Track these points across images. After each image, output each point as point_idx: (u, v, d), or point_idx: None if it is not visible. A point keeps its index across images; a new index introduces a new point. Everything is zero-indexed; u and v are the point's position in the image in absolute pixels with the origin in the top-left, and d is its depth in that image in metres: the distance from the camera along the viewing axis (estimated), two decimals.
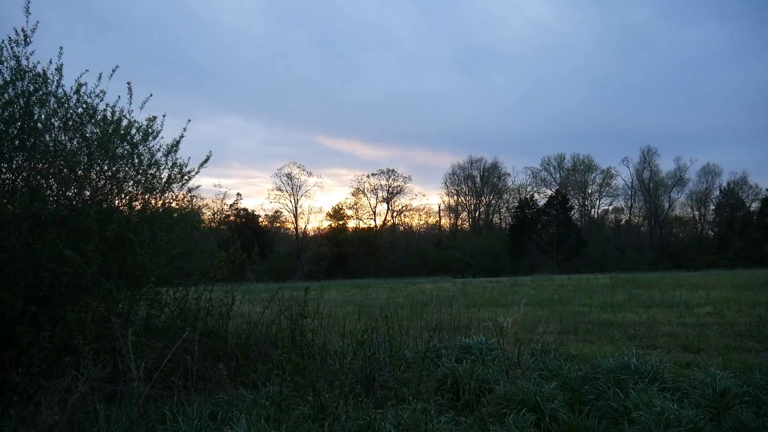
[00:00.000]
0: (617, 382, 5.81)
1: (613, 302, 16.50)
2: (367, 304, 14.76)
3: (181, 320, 6.14)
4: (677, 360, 7.85)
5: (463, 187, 78.84)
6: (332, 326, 7.92)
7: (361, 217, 75.29)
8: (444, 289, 25.28)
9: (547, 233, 66.13)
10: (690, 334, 10.30)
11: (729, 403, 5.14)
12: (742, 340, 9.57)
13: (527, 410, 5.05)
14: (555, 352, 7.60)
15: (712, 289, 20.54)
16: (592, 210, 79.39)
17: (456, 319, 8.80)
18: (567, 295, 20.41)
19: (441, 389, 5.68)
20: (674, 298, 17.07)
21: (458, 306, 11.20)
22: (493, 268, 57.94)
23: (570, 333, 10.74)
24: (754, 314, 12.61)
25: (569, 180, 77.20)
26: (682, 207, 76.18)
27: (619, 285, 24.92)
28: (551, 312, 14.10)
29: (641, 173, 74.60)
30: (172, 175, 6.74)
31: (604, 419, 5.10)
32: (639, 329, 11.09)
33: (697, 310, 14.12)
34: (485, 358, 6.80)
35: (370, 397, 5.39)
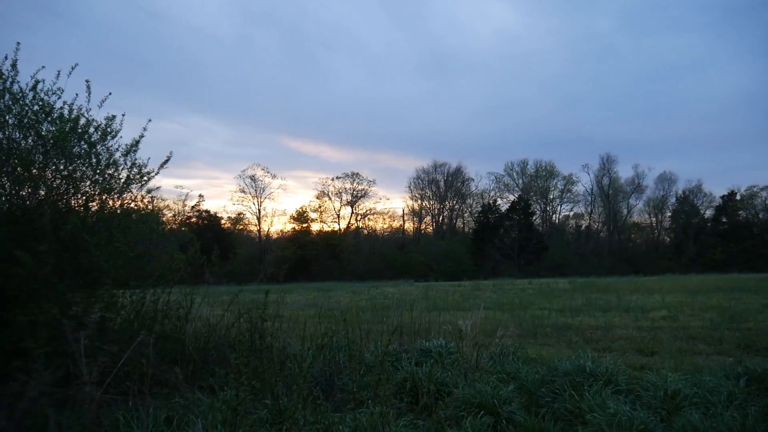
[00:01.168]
0: (573, 385, 5.91)
1: (572, 306, 16.81)
2: (329, 307, 14.71)
3: (138, 323, 6.02)
4: (632, 363, 8.04)
5: (427, 192, 79.35)
6: (293, 329, 7.86)
7: (325, 220, 75.12)
8: (406, 293, 25.35)
9: (510, 238, 66.88)
10: (645, 337, 10.56)
11: (679, 405, 5.28)
12: (694, 343, 9.85)
13: (485, 413, 5.11)
14: (514, 355, 7.69)
15: (667, 294, 21.08)
16: (554, 215, 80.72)
17: (417, 322, 8.85)
18: (527, 299, 20.69)
19: (400, 392, 5.69)
20: (631, 303, 17.47)
21: (420, 310, 11.24)
22: (455, 272, 58.31)
23: (529, 336, 10.90)
24: (705, 318, 12.99)
25: (531, 186, 78.28)
26: (640, 213, 78.06)
27: (578, 289, 25.38)
28: (511, 316, 14.30)
29: (601, 180, 76.13)
30: (131, 176, 6.62)
31: (560, 421, 5.18)
32: (596, 333, 11.32)
33: (652, 314, 14.48)
34: (445, 362, 6.84)
35: (330, 400, 5.38)
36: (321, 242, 67.39)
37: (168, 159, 6.93)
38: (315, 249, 65.37)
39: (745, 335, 10.39)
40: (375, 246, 71.90)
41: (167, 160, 6.92)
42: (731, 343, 9.68)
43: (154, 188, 7.08)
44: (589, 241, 75.03)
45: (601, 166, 76.05)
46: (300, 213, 72.26)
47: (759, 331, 10.89)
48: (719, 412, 4.93)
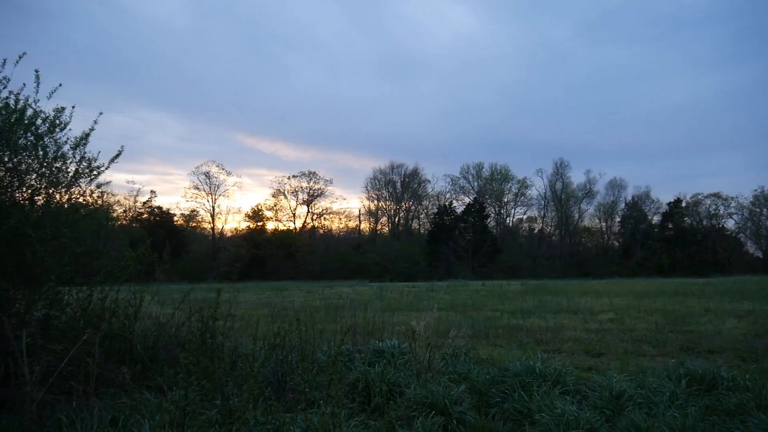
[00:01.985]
0: (523, 385, 6.02)
1: (524, 308, 17.07)
2: (282, 306, 14.58)
3: (84, 321, 5.86)
4: (580, 364, 8.23)
5: (384, 192, 79.53)
6: (245, 329, 7.78)
7: (281, 219, 74.48)
8: (361, 293, 25.35)
9: (464, 240, 67.51)
10: (592, 339, 10.81)
11: (624, 405, 5.43)
12: (639, 345, 10.13)
13: (436, 413, 5.15)
14: (466, 356, 7.78)
15: (614, 297, 21.62)
16: (508, 218, 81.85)
17: (371, 323, 8.86)
18: (480, 300, 20.93)
19: (352, 393, 5.68)
20: (580, 305, 17.87)
21: (374, 310, 11.25)
22: (410, 272, 58.59)
23: (481, 337, 11.03)
24: (651, 321, 13.38)
25: (487, 189, 79.23)
26: (591, 218, 79.87)
27: (530, 291, 25.82)
28: (464, 317, 14.44)
29: (554, 184, 77.64)
30: (80, 169, 6.43)
31: (509, 421, 5.27)
32: (546, 334, 11.53)
33: (600, 316, 14.83)
34: (398, 362, 6.86)
35: (281, 401, 5.33)
36: (276, 241, 66.76)
37: (119, 153, 6.77)
38: (270, 248, 64.74)
39: (688, 338, 10.74)
40: (330, 246, 71.67)
41: (118, 154, 6.76)
42: (674, 345, 9.99)
43: (104, 183, 6.89)
44: (542, 245, 76.37)
45: (554, 170, 77.70)
46: (255, 211, 71.44)
47: (701, 333, 11.27)
48: (661, 411, 5.09)
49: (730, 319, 13.52)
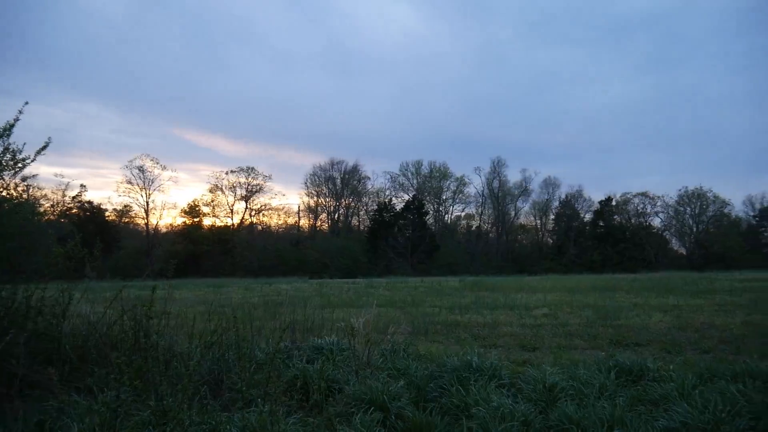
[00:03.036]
0: (460, 380, 6.11)
1: (462, 304, 17.32)
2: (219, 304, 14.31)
3: (8, 321, 5.59)
4: (515, 358, 8.42)
5: (324, 189, 79.15)
6: (181, 327, 7.59)
7: (218, 215, 72.92)
8: (300, 290, 25.20)
9: (404, 237, 68.02)
10: (528, 334, 11.08)
11: (557, 397, 5.59)
12: (571, 339, 10.45)
13: (375, 409, 5.16)
14: (404, 351, 7.83)
15: (548, 293, 22.22)
16: (446, 216, 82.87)
17: (310, 319, 8.81)
18: (419, 296, 21.13)
19: (291, 390, 5.64)
20: (516, 301, 18.27)
21: (313, 307, 11.21)
22: (350, 269, 58.62)
23: (420, 333, 11.13)
24: (583, 316, 13.82)
25: (426, 186, 79.99)
26: (526, 216, 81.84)
27: (467, 288, 26.23)
28: (404, 313, 14.53)
29: (491, 183, 79.12)
30: (3, 162, 6.13)
31: (447, 415, 5.33)
32: (483, 330, 11.75)
33: (535, 311, 15.21)
34: (337, 359, 6.85)
35: (218, 400, 5.24)
36: (213, 237, 65.49)
37: (46, 145, 6.48)
38: (207, 244, 63.45)
39: (617, 331, 11.16)
40: (269, 242, 70.81)
41: (45, 146, 6.47)
42: (604, 338, 10.36)
43: (30, 176, 6.59)
44: (479, 241, 77.66)
45: (491, 169, 79.16)
46: (192, 207, 69.73)
47: (629, 327, 11.74)
48: (592, 402, 5.26)
49: (656, 314, 14.12)
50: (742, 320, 12.41)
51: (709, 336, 10.35)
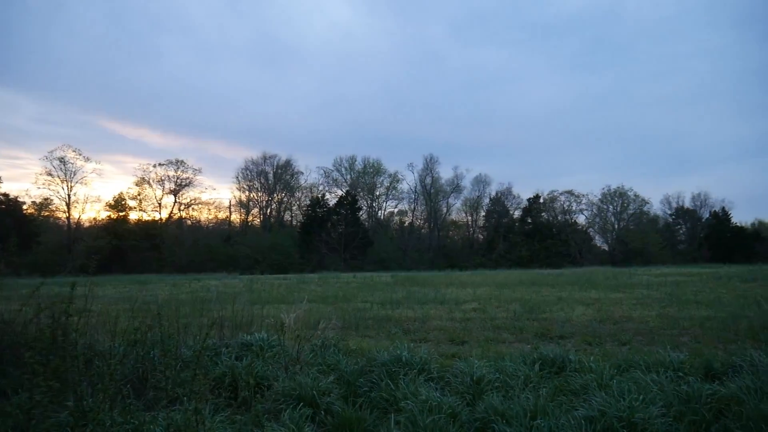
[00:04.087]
0: (390, 374, 6.18)
1: (393, 299, 17.46)
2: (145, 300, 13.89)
3: None
4: (444, 352, 8.56)
5: (256, 183, 77.99)
6: (103, 325, 7.32)
7: (145, 209, 70.61)
8: (230, 286, 24.80)
9: (336, 232, 67.89)
10: (457, 327, 11.30)
11: (483, 389, 5.74)
12: (499, 332, 10.72)
13: (304, 405, 5.16)
14: (335, 347, 7.84)
15: (478, 287, 22.70)
16: (379, 211, 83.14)
17: (239, 316, 8.67)
18: (351, 292, 21.16)
19: (219, 388, 5.56)
20: (446, 296, 18.57)
21: (243, 303, 11.03)
22: (282, 265, 58.02)
23: (351, 328, 11.16)
24: (510, 310, 14.19)
25: (359, 182, 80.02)
26: (458, 212, 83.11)
27: (399, 283, 26.46)
28: (335, 308, 14.53)
29: (424, 179, 79.92)
30: None
31: (376, 409, 5.39)
32: (414, 324, 11.89)
33: (464, 306, 15.52)
34: (266, 355, 6.79)
35: (142, 399, 5.09)
36: (140, 232, 63.41)
37: None
38: (133, 239, 61.35)
39: (542, 324, 11.53)
40: (199, 237, 69.22)
41: None
42: (530, 331, 10.68)
43: None
44: (412, 237, 78.36)
45: (424, 165, 79.95)
46: (117, 200, 67.13)
47: (553, 320, 12.14)
48: (516, 394, 5.43)
49: (579, 307, 14.67)
50: (657, 313, 13.05)
51: (627, 328, 10.84)
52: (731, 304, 14.27)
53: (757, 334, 9.20)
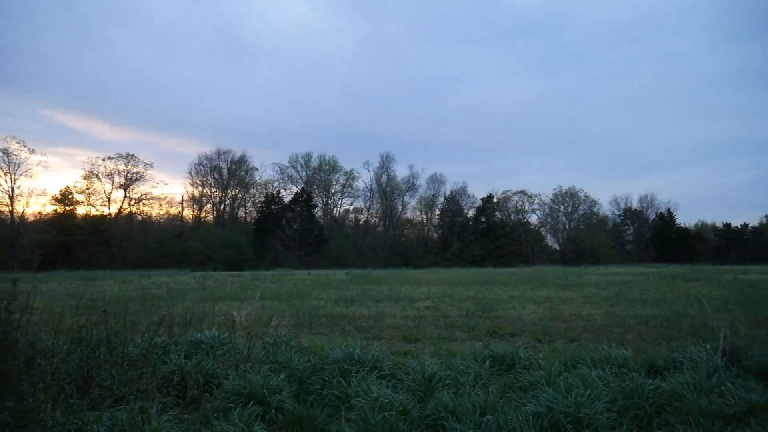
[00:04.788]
0: (342, 372, 6.19)
1: (347, 297, 17.45)
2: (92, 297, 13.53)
3: None
4: (397, 349, 8.60)
5: (209, 179, 76.68)
6: (47, 322, 7.11)
7: (94, 204, 68.56)
8: (182, 283, 24.38)
9: (291, 229, 67.41)
10: (410, 325, 11.36)
11: (434, 386, 5.79)
12: (451, 330, 10.82)
13: (255, 403, 5.11)
14: (287, 344, 7.80)
15: (432, 286, 22.85)
16: (335, 209, 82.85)
17: (190, 313, 8.53)
18: (306, 289, 21.05)
19: (167, 386, 5.45)
20: (400, 294, 18.65)
21: (194, 300, 10.86)
22: (236, 261, 57.32)
23: (305, 326, 11.11)
24: (463, 308, 14.34)
25: (315, 179, 79.60)
26: (413, 210, 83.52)
27: (354, 281, 26.44)
28: (289, 306, 14.44)
29: (380, 177, 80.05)
30: None
31: (328, 407, 5.38)
32: (368, 322, 11.91)
33: (418, 304, 15.61)
34: (217, 353, 6.70)
35: (86, 398, 4.96)
36: (88, 227, 61.58)
37: None
38: (80, 234, 59.58)
39: (494, 322, 11.68)
40: (150, 233, 67.65)
41: None
42: (482, 329, 10.80)
43: None
44: (367, 235, 78.44)
45: (380, 164, 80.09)
46: (64, 194, 65.02)
47: (505, 318, 12.33)
48: (467, 391, 5.49)
49: (530, 305, 14.93)
50: (605, 311, 13.39)
51: (575, 326, 11.08)
52: (674, 303, 14.74)
53: (698, 332, 9.52)
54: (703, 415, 4.70)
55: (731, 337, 6.93)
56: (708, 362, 6.33)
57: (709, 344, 7.05)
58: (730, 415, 4.71)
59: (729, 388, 5.23)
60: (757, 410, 4.75)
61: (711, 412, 4.76)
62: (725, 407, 4.84)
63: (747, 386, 5.37)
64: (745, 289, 18.23)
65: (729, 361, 6.53)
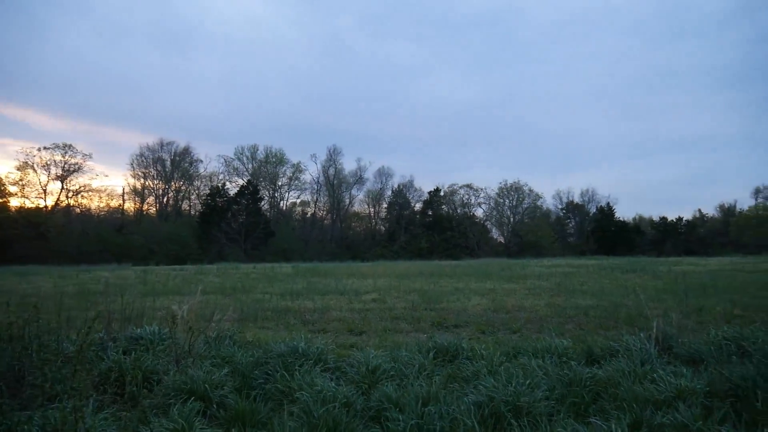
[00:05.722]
0: (286, 366, 6.15)
1: (293, 290, 17.35)
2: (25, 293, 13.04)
3: None
4: (343, 342, 8.61)
5: (152, 171, 74.64)
6: None
7: (28, 196, 65.88)
8: (123, 278, 23.74)
9: (237, 222, 66.46)
10: (356, 318, 11.38)
11: (378, 378, 5.83)
12: (397, 322, 10.89)
13: (195, 399, 5.02)
14: (231, 339, 7.71)
15: (378, 278, 22.93)
16: (282, 202, 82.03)
17: (129, 308, 8.30)
18: (251, 283, 20.82)
19: (105, 384, 5.30)
20: (347, 286, 18.65)
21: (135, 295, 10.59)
22: (179, 255, 56.10)
23: (249, 320, 11.00)
24: (409, 300, 14.46)
25: (261, 171, 78.57)
26: (361, 203, 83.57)
27: (300, 274, 26.29)
28: (233, 300, 14.25)
29: (327, 170, 79.69)
30: None
31: (271, 401, 5.34)
32: (313, 315, 11.88)
33: (364, 296, 15.65)
34: (157, 349, 6.57)
35: (17, 398, 4.78)
36: (22, 220, 59.14)
37: None
38: (14, 228, 57.15)
39: (439, 314, 11.83)
40: (90, 226, 65.49)
41: None
42: (427, 321, 10.93)
43: None
44: (314, 228, 78.04)
45: (328, 157, 79.73)
46: None
47: (450, 310, 12.49)
48: (411, 382, 5.54)
49: (475, 297, 15.16)
50: (546, 302, 13.72)
51: (518, 317, 11.32)
52: (613, 294, 15.23)
53: (634, 321, 9.87)
54: (636, 401, 4.87)
55: (664, 326, 7.23)
56: (642, 350, 6.59)
57: (644, 333, 7.34)
58: (661, 401, 4.90)
59: (660, 375, 5.45)
60: (685, 395, 4.97)
61: (643, 398, 4.94)
62: (656, 393, 5.03)
63: (677, 372, 5.61)
64: (678, 280, 18.97)
65: (662, 349, 6.82)
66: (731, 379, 5.32)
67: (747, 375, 5.30)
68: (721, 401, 4.91)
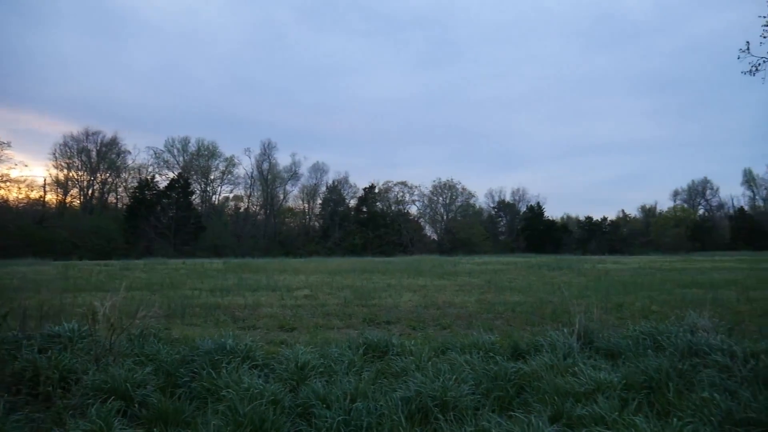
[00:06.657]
0: (213, 363, 6.04)
1: (224, 286, 17.06)
2: None
3: None
4: (273, 339, 8.52)
5: (76, 161, 71.49)
6: None
7: None
8: (42, 273, 22.72)
9: (167, 217, 64.64)
10: (287, 314, 11.30)
11: (307, 375, 5.80)
12: (329, 319, 10.88)
13: (116, 398, 4.86)
14: (156, 336, 7.52)
15: (311, 274, 22.84)
16: (214, 196, 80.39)
17: (47, 305, 7.95)
18: (179, 279, 20.32)
19: (18, 384, 5.06)
20: (279, 283, 18.49)
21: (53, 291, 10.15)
22: (105, 250, 54.13)
23: (177, 317, 10.73)
24: (341, 296, 14.45)
25: (193, 164, 76.68)
26: (295, 199, 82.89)
27: (231, 270, 25.85)
28: (160, 296, 13.86)
29: (261, 165, 78.62)
30: None
31: (197, 399, 5.23)
32: (244, 311, 11.71)
33: (296, 293, 15.55)
34: (76, 347, 6.32)
35: None
36: None
37: None
38: None
39: (371, 310, 11.88)
40: (7, 219, 62.14)
41: None
42: (359, 317, 10.96)
43: None
44: (247, 223, 76.83)
45: (262, 151, 78.64)
46: None
47: (381, 306, 12.56)
48: (340, 378, 5.54)
49: (407, 293, 15.30)
50: (476, 299, 14.01)
51: (448, 313, 11.50)
52: (539, 290, 15.70)
53: (559, 317, 10.21)
54: (557, 394, 5.04)
55: (586, 322, 7.49)
56: (565, 345, 6.82)
57: (567, 328, 7.59)
58: (581, 393, 5.09)
59: (581, 368, 5.66)
60: (604, 387, 5.18)
61: (564, 391, 5.12)
62: (577, 386, 5.22)
63: (597, 366, 5.85)
64: (601, 278, 19.74)
65: (584, 344, 7.07)
66: (646, 371, 5.59)
67: (661, 367, 5.59)
68: (636, 392, 5.14)
